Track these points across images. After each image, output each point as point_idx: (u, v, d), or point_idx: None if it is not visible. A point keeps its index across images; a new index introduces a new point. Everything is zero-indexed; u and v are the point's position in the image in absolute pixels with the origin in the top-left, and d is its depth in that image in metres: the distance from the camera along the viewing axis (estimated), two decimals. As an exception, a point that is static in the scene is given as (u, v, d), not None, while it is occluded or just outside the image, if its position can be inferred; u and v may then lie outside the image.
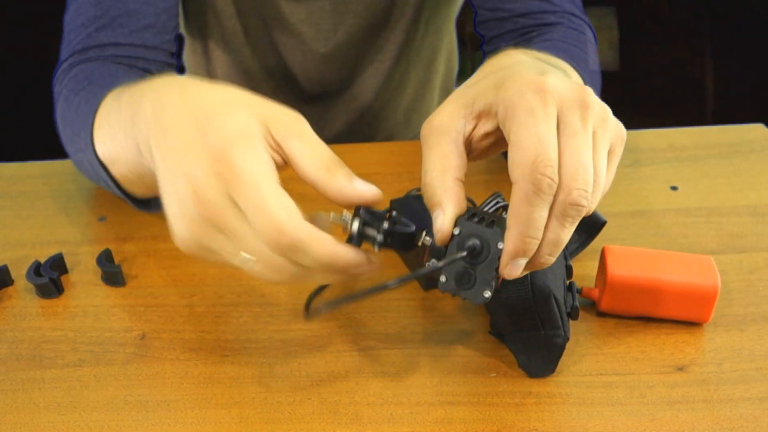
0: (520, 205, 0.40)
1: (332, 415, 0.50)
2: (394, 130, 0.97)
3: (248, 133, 0.42)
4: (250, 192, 0.40)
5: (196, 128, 0.42)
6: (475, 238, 0.43)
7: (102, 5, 0.68)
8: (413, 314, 0.58)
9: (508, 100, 0.41)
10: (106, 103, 0.57)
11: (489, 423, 0.49)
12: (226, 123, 0.42)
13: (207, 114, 0.42)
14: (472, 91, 0.44)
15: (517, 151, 0.40)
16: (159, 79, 0.49)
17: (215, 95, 0.44)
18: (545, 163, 0.39)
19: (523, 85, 0.41)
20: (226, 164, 0.41)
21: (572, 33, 0.70)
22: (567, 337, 0.51)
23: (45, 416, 0.50)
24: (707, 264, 0.55)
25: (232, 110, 0.43)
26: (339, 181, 0.43)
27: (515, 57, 0.49)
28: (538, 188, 0.39)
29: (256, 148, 0.41)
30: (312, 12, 0.82)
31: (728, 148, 0.78)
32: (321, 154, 0.43)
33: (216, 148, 0.41)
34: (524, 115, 0.40)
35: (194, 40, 0.90)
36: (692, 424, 0.49)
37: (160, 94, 0.46)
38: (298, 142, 0.43)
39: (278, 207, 0.41)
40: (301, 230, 0.41)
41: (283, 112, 0.44)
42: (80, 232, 0.68)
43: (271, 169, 0.42)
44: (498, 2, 0.73)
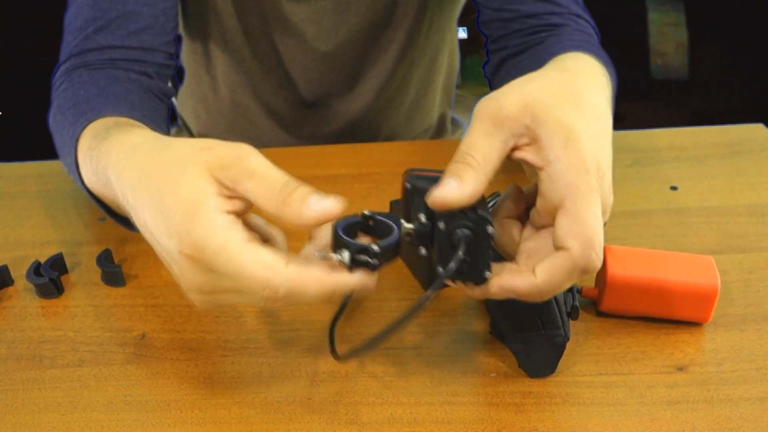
0: (559, 271, 0.42)
1: (332, 415, 0.50)
2: (395, 130, 0.97)
3: (199, 202, 0.42)
4: (223, 265, 0.41)
5: (156, 210, 0.44)
6: (462, 228, 0.43)
7: (99, 7, 0.68)
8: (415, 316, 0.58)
9: (572, 167, 0.42)
10: (83, 145, 0.57)
11: (489, 423, 0.49)
12: (179, 197, 0.42)
13: (161, 191, 0.43)
14: (541, 105, 0.44)
15: (575, 222, 0.42)
16: (116, 146, 0.50)
17: (165, 163, 0.45)
18: (600, 244, 0.42)
19: (589, 165, 0.42)
20: (191, 245, 0.42)
21: (583, 36, 0.70)
22: (567, 337, 0.51)
23: (45, 416, 0.50)
24: (707, 264, 0.55)
25: (180, 178, 0.43)
26: (294, 209, 0.42)
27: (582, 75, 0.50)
28: (588, 265, 0.42)
29: (211, 218, 0.42)
30: (314, 11, 0.82)
31: (728, 148, 0.78)
32: (271, 186, 0.43)
33: (178, 230, 0.42)
34: (586, 191, 0.42)
35: (194, 40, 0.90)
36: (692, 424, 0.49)
37: (119, 169, 0.48)
38: (246, 182, 0.43)
39: (256, 267, 0.41)
40: (289, 279, 0.41)
41: (225, 156, 0.43)
42: (80, 232, 0.68)
43: (233, 231, 0.42)
44: (503, 2, 0.72)
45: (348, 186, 0.74)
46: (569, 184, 0.42)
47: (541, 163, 0.43)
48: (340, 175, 0.76)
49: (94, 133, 0.56)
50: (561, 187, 0.42)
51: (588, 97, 0.47)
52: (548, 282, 0.43)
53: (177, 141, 0.46)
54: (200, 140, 0.45)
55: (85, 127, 0.58)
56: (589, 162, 0.42)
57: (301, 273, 0.42)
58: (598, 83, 0.51)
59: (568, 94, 0.46)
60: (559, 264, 0.42)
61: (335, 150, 0.81)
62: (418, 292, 0.59)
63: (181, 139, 0.47)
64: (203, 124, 0.99)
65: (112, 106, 0.61)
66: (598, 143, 0.44)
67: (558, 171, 0.42)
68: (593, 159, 0.43)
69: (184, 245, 0.42)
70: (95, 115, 0.58)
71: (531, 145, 0.44)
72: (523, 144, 0.44)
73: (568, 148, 0.42)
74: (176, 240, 0.42)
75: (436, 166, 0.78)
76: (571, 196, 0.42)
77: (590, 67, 0.53)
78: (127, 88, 0.66)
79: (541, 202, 0.44)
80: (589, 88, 0.49)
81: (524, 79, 0.47)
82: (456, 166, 0.43)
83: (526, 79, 0.47)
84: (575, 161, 0.42)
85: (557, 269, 0.42)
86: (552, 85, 0.46)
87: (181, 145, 0.45)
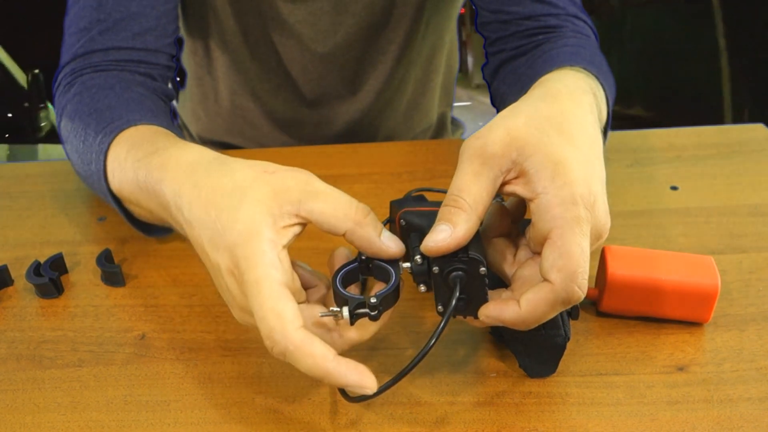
0: (542, 303, 0.43)
1: (332, 415, 0.50)
2: (394, 130, 0.97)
3: (254, 231, 0.43)
4: (252, 297, 0.43)
5: (212, 229, 0.45)
6: (456, 271, 0.45)
7: (104, 9, 0.68)
8: (413, 314, 0.58)
9: (558, 199, 0.43)
10: (117, 153, 0.58)
11: (489, 423, 0.49)
12: (236, 224, 0.44)
13: (220, 214, 0.45)
14: (527, 138, 0.44)
15: (560, 256, 0.42)
16: (173, 162, 0.51)
17: (226, 187, 0.46)
18: (584, 276, 0.42)
19: (576, 195, 0.43)
20: (236, 267, 0.44)
21: (580, 39, 0.70)
22: (568, 337, 0.51)
23: (45, 416, 0.50)
24: (707, 264, 0.55)
25: (240, 205, 0.44)
26: (368, 232, 0.45)
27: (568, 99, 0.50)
28: (570, 298, 0.42)
29: (261, 250, 0.43)
30: (311, 12, 0.82)
31: (728, 148, 0.78)
32: (343, 205, 0.45)
33: (229, 250, 0.44)
34: (573, 224, 0.42)
35: (194, 41, 0.90)
36: (692, 424, 0.49)
37: (177, 185, 0.49)
38: (312, 202, 0.45)
39: (272, 315, 0.42)
40: (290, 342, 0.42)
41: (289, 179, 0.45)
42: (80, 232, 0.68)
43: (274, 270, 0.43)
44: (500, 4, 0.72)
45: (348, 186, 0.74)
46: (555, 217, 0.43)
47: (530, 195, 0.44)
48: (340, 175, 0.76)
49: (133, 142, 0.57)
50: (549, 219, 0.43)
51: (575, 123, 0.47)
52: (532, 313, 0.44)
53: (238, 163, 0.47)
54: (262, 163, 0.47)
55: (117, 135, 0.58)
56: (577, 191, 0.43)
57: (303, 344, 0.42)
58: (585, 105, 0.51)
59: (555, 122, 0.46)
60: (542, 296, 0.43)
61: (335, 150, 0.81)
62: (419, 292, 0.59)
63: (243, 161, 0.48)
64: (203, 125, 0.99)
65: (138, 113, 0.61)
66: (587, 169, 0.44)
67: (546, 202, 0.43)
68: (583, 186, 0.43)
69: (232, 264, 0.44)
70: (125, 124, 0.59)
71: (519, 178, 0.45)
72: (511, 178, 0.45)
73: (556, 180, 0.43)
74: (226, 258, 0.44)
75: (436, 166, 0.78)
76: (557, 228, 0.42)
77: (576, 89, 0.53)
78: (140, 93, 0.66)
79: (533, 231, 0.45)
80: (576, 112, 0.49)
81: (510, 111, 0.48)
82: (447, 210, 0.44)
83: (512, 111, 0.48)
84: (563, 192, 0.43)
85: (540, 301, 0.43)
86: (537, 116, 0.46)
87: (243, 168, 0.47)
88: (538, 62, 0.66)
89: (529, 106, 0.48)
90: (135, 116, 0.60)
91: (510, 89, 0.70)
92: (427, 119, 1.00)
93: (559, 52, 0.65)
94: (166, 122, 0.62)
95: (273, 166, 0.46)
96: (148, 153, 0.54)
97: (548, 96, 0.50)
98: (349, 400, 0.48)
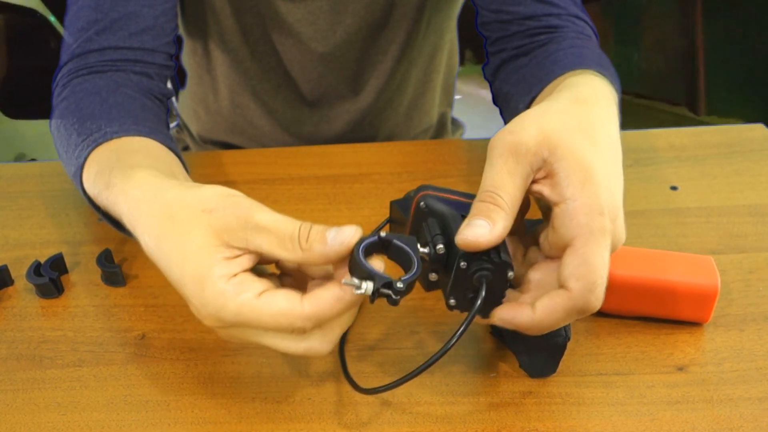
0: (558, 310, 0.43)
1: (332, 415, 0.50)
2: (395, 130, 0.97)
3: (205, 275, 0.43)
4: (244, 324, 0.43)
5: (171, 278, 0.45)
6: (485, 270, 0.44)
7: (101, 9, 0.68)
8: (413, 314, 0.58)
9: (587, 208, 0.42)
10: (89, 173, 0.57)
11: (489, 423, 0.49)
12: (187, 270, 0.44)
13: (170, 263, 0.45)
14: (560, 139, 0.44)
15: (581, 264, 0.42)
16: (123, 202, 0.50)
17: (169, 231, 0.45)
18: (603, 287, 0.42)
19: (604, 206, 0.43)
20: (208, 316, 0.44)
21: (583, 40, 0.70)
22: (568, 337, 0.51)
23: (45, 416, 0.50)
24: (707, 264, 0.55)
25: (185, 251, 0.44)
26: (316, 252, 0.43)
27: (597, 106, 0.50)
28: (587, 307, 0.42)
29: (219, 289, 0.42)
30: (310, 12, 0.82)
31: (728, 148, 0.78)
32: (286, 237, 0.43)
33: (193, 301, 0.44)
34: (598, 234, 0.42)
35: (194, 40, 0.90)
36: (692, 424, 0.49)
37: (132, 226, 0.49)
38: (257, 239, 0.43)
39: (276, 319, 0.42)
40: (310, 315, 0.42)
41: (229, 216, 0.44)
42: (80, 232, 0.68)
43: (243, 293, 0.42)
44: (501, 4, 0.72)
45: (348, 186, 0.74)
46: (582, 225, 0.42)
47: (557, 199, 0.44)
48: (340, 175, 0.76)
49: (98, 168, 0.56)
50: (574, 227, 0.42)
51: (603, 132, 0.47)
52: (546, 319, 0.43)
53: (177, 201, 0.46)
54: (199, 198, 0.45)
55: (89, 154, 0.58)
56: (604, 202, 0.42)
57: (319, 302, 0.42)
58: (611, 113, 0.51)
59: (585, 128, 0.46)
60: (558, 303, 0.43)
61: (335, 150, 0.81)
62: (419, 292, 0.59)
63: (181, 193, 0.46)
64: (203, 125, 0.99)
65: (117, 123, 0.60)
66: (613, 182, 0.44)
67: (573, 209, 0.43)
68: (609, 199, 0.43)
69: (203, 316, 0.44)
70: (99, 138, 0.58)
71: (547, 179, 0.44)
72: (540, 177, 0.45)
73: (586, 188, 0.43)
74: (200, 311, 0.44)
75: (436, 166, 0.78)
76: (582, 236, 0.42)
77: (603, 97, 0.52)
78: (128, 95, 0.65)
79: (553, 236, 0.44)
80: (605, 120, 0.49)
81: (542, 109, 0.47)
82: (485, 207, 0.43)
83: (544, 109, 0.47)
84: (591, 202, 0.42)
85: (556, 308, 0.43)
86: (569, 119, 0.46)
87: (182, 209, 0.45)
88: (545, 62, 0.66)
89: (560, 108, 0.48)
90: (114, 127, 0.59)
91: (514, 89, 0.70)
92: (427, 119, 1.00)
93: (566, 54, 0.65)
94: (148, 127, 0.61)
95: (211, 202, 0.44)
96: (106, 186, 0.53)
97: (579, 101, 0.49)
98: (360, 392, 0.47)
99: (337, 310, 0.43)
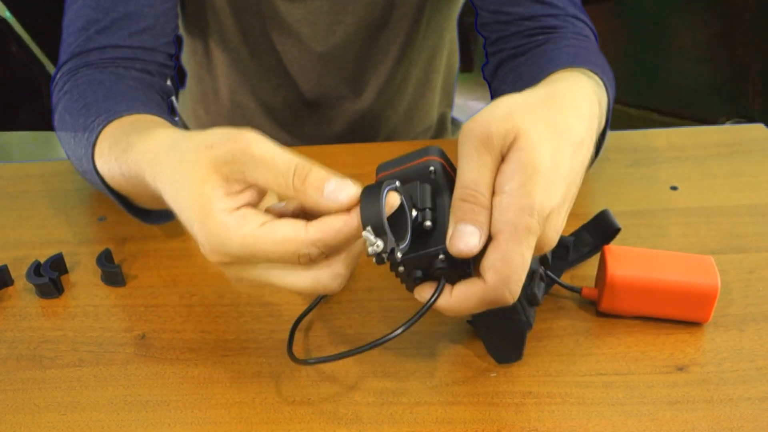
0: (471, 297, 0.44)
1: (332, 415, 0.50)
2: (394, 130, 0.98)
3: (207, 209, 0.43)
4: (249, 257, 0.43)
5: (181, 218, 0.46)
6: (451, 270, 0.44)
7: (102, 8, 0.68)
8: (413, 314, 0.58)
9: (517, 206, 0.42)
10: (102, 148, 0.57)
11: (489, 423, 0.49)
12: (191, 206, 0.44)
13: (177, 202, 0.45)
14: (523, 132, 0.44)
15: (499, 259, 0.42)
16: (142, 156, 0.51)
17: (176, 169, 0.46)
18: (518, 284, 0.43)
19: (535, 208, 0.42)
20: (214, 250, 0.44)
21: (580, 40, 0.70)
22: (530, 323, 0.51)
23: (45, 416, 0.50)
24: (707, 264, 0.55)
25: (189, 187, 0.44)
26: (311, 197, 0.42)
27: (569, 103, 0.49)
28: (498, 299, 0.43)
29: (221, 222, 0.43)
30: (309, 12, 0.82)
31: (728, 148, 0.78)
32: (281, 173, 0.42)
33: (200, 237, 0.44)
34: (522, 233, 0.42)
35: (194, 40, 0.90)
36: (692, 424, 0.49)
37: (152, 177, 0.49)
38: (255, 173, 0.43)
39: (281, 246, 0.42)
40: (317, 239, 0.42)
41: (227, 151, 0.43)
42: (80, 232, 0.68)
43: (246, 225, 0.42)
44: (500, 5, 0.73)
45: (348, 186, 0.74)
46: (509, 221, 0.42)
47: (497, 189, 0.44)
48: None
49: (113, 138, 0.56)
50: (502, 221, 0.43)
51: (569, 132, 0.47)
52: (460, 305, 0.44)
53: (186, 144, 0.46)
54: (205, 135, 0.45)
55: (102, 130, 0.58)
56: (537, 204, 0.42)
57: (324, 227, 0.42)
58: (585, 114, 0.50)
59: (551, 126, 0.45)
60: (473, 291, 0.44)
61: (335, 150, 0.81)
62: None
63: (190, 138, 0.47)
64: (203, 125, 0.99)
65: (125, 105, 0.61)
66: (558, 183, 0.44)
67: (506, 204, 0.43)
68: (545, 201, 0.43)
69: (208, 252, 0.44)
70: (111, 116, 0.59)
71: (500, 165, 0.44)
72: None
73: (524, 187, 0.43)
74: (205, 246, 0.44)
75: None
76: (506, 233, 0.42)
77: (583, 96, 0.52)
78: (131, 86, 0.66)
79: None
80: (574, 122, 0.48)
81: (512, 100, 0.46)
82: (471, 209, 0.43)
83: (514, 101, 0.46)
84: (523, 201, 0.42)
85: (470, 295, 0.44)
86: (537, 115, 0.46)
87: (189, 151, 0.45)
88: (540, 61, 0.66)
89: (532, 102, 0.47)
90: (122, 107, 0.60)
91: (511, 88, 0.70)
92: (427, 119, 1.00)
93: (561, 52, 0.65)
94: (156, 110, 0.61)
95: (213, 137, 0.44)
96: (124, 150, 0.53)
97: (553, 98, 0.49)
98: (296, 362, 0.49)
99: (343, 236, 0.42)
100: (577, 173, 0.47)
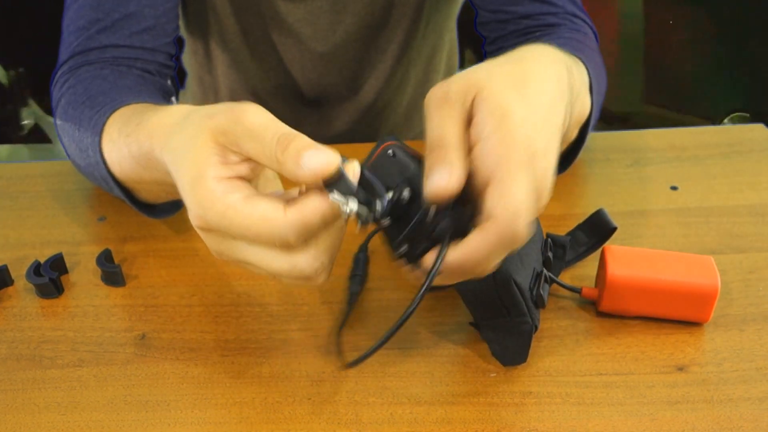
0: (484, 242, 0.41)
1: (332, 415, 0.50)
2: (394, 129, 0.98)
3: (200, 174, 0.42)
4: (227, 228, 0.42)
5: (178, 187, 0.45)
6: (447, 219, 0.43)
7: (102, 8, 0.68)
8: (413, 314, 0.58)
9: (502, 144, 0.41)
10: (110, 133, 0.57)
11: (489, 423, 0.49)
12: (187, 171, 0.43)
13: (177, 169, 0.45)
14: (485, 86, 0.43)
15: (502, 195, 0.40)
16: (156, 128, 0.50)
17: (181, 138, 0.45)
18: (527, 219, 0.40)
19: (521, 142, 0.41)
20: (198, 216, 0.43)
21: (577, 35, 0.70)
22: (536, 325, 0.51)
23: (45, 416, 0.50)
24: (707, 264, 0.55)
25: (188, 153, 0.44)
26: (289, 167, 0.41)
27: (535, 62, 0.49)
28: (513, 237, 0.41)
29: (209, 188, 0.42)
30: (310, 12, 0.83)
31: (728, 148, 0.78)
32: (266, 143, 0.42)
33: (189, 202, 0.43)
34: (516, 167, 0.41)
35: (195, 40, 0.90)
36: (692, 424, 0.49)
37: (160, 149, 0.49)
38: (246, 143, 0.42)
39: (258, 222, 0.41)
40: (293, 221, 0.41)
41: (223, 120, 0.43)
42: (80, 232, 0.68)
43: (232, 195, 0.42)
44: (499, 4, 0.73)
45: (348, 186, 0.74)
46: (499, 158, 0.41)
47: (475, 140, 0.42)
48: (340, 175, 0.76)
49: (123, 120, 0.56)
50: (491, 162, 0.41)
51: (536, 84, 0.46)
52: (474, 254, 0.41)
53: (194, 112, 0.46)
54: (211, 107, 0.45)
55: (110, 116, 0.58)
56: (520, 142, 0.41)
57: (302, 209, 0.41)
58: (552, 73, 0.49)
59: (515, 78, 0.45)
60: (484, 236, 0.41)
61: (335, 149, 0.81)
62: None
63: (199, 108, 0.46)
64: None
65: (130, 96, 0.61)
66: (535, 130, 0.43)
67: (490, 146, 0.41)
68: (526, 139, 0.42)
69: (192, 217, 0.43)
70: (118, 104, 0.59)
71: (470, 123, 0.43)
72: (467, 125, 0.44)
73: (502, 126, 0.41)
74: (191, 211, 0.43)
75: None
76: (500, 170, 0.41)
77: (547, 58, 0.51)
78: (133, 80, 0.66)
79: (474, 182, 0.42)
80: (542, 76, 0.47)
81: (473, 66, 0.46)
82: (437, 155, 0.42)
83: (475, 66, 0.46)
84: (507, 138, 0.41)
85: (482, 241, 0.41)
86: (499, 69, 0.45)
87: (194, 117, 0.45)
88: None
89: (494, 62, 0.47)
90: (128, 98, 0.60)
91: None
92: (427, 119, 1.00)
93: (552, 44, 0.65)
94: (161, 103, 0.61)
95: (216, 108, 0.44)
96: (136, 126, 0.53)
97: (517, 58, 0.48)
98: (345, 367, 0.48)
99: (320, 214, 0.41)
100: (554, 124, 0.46)
